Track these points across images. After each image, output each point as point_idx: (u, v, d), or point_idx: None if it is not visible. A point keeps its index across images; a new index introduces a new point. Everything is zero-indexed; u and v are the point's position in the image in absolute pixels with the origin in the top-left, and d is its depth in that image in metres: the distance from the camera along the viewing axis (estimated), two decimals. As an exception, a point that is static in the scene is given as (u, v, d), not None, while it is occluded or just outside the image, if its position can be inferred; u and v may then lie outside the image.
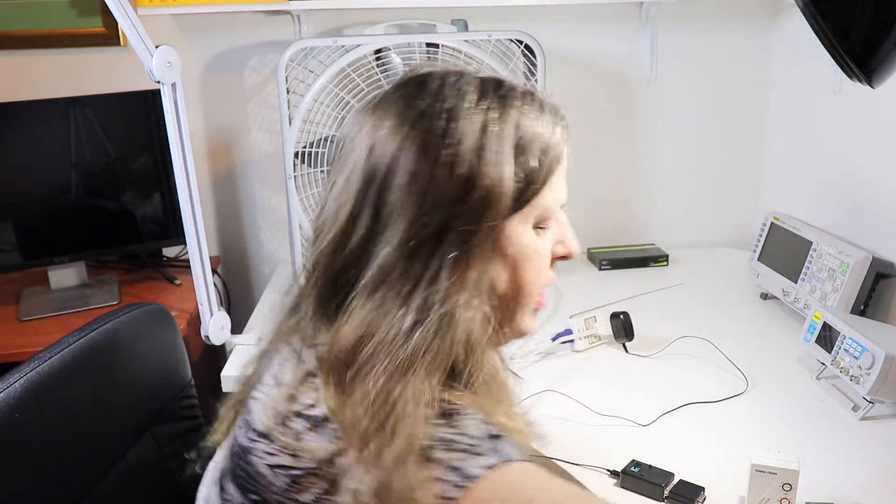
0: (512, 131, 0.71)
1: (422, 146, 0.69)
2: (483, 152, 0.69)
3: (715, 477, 1.11)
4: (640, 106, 2.07)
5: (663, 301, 1.76)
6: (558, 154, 0.75)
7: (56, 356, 0.98)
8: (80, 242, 1.84)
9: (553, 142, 0.75)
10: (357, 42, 1.72)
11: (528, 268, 0.75)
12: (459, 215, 0.69)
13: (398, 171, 0.69)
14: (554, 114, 0.77)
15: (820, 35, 0.85)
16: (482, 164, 0.69)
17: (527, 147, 0.72)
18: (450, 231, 0.69)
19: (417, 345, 0.67)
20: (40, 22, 1.88)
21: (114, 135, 1.83)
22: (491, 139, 0.70)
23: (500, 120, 0.71)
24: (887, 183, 1.60)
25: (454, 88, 0.72)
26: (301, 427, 0.67)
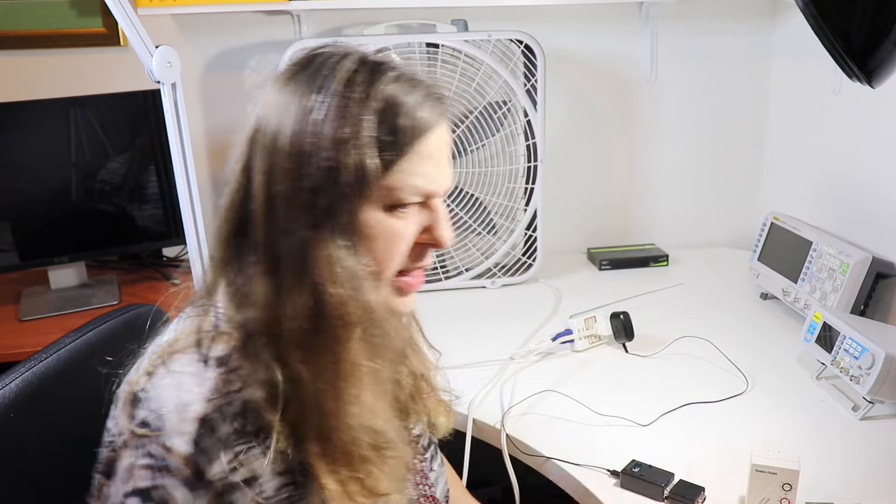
0: (368, 114, 0.72)
1: (292, 122, 0.73)
2: (339, 131, 0.72)
3: (715, 477, 1.12)
4: (640, 106, 2.07)
5: (663, 301, 1.76)
6: (416, 132, 0.75)
7: (52, 356, 0.98)
8: (80, 242, 1.84)
9: (411, 125, 0.74)
10: (357, 42, 1.72)
11: (377, 247, 0.76)
12: (319, 192, 0.72)
13: (270, 145, 0.73)
14: (424, 96, 0.76)
15: (820, 35, 0.85)
16: (337, 143, 0.71)
17: (380, 129, 0.73)
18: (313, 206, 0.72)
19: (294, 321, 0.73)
20: (40, 22, 1.87)
21: (114, 135, 1.83)
22: (347, 119, 0.72)
23: (360, 102, 0.73)
24: (887, 183, 1.60)
25: (330, 68, 0.74)
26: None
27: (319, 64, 0.75)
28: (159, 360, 0.78)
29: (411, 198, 0.76)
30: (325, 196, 0.72)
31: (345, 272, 0.73)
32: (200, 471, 0.71)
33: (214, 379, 0.74)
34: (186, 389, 0.73)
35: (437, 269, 1.87)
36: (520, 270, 1.91)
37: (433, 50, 1.75)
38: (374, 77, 0.74)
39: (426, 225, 0.79)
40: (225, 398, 0.73)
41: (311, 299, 0.73)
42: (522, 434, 1.26)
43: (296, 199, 0.72)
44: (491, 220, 1.86)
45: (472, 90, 1.76)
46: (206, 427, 0.71)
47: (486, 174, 1.83)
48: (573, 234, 2.12)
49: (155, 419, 0.73)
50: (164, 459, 0.72)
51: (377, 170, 0.73)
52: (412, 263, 0.80)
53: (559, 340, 1.54)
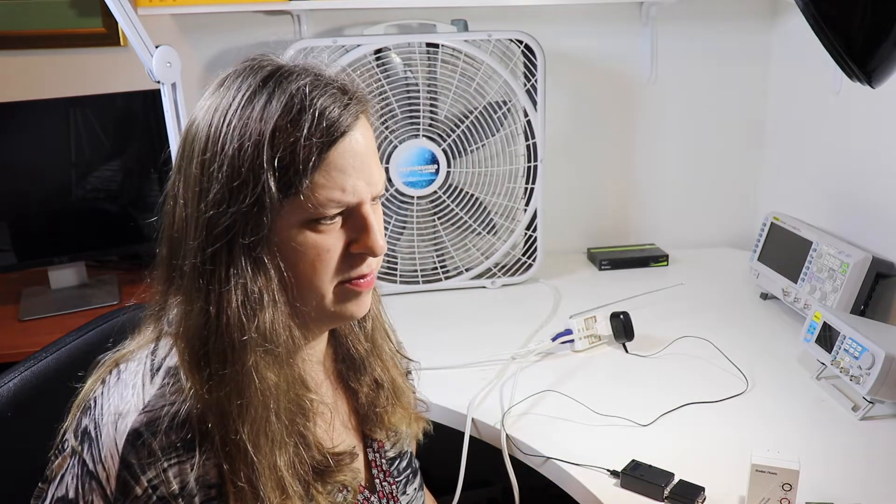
0: (267, 132, 0.71)
1: (200, 145, 0.73)
2: (240, 152, 0.71)
3: (715, 477, 1.11)
4: (640, 106, 2.07)
5: (663, 301, 1.76)
6: (322, 150, 0.72)
7: (52, 356, 0.98)
8: (80, 242, 1.84)
9: (313, 139, 0.72)
10: (357, 42, 1.72)
11: (303, 263, 0.75)
12: (224, 213, 0.71)
13: (185, 167, 0.74)
14: (329, 107, 0.73)
15: (820, 35, 0.85)
16: (239, 163, 0.71)
17: (280, 147, 0.71)
18: (228, 224, 0.71)
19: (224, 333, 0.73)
20: (40, 22, 1.87)
21: (114, 135, 1.83)
22: (246, 139, 0.71)
23: (259, 120, 0.71)
24: (887, 183, 1.60)
25: (239, 82, 0.74)
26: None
27: (234, 79, 0.75)
28: (113, 366, 0.79)
29: (329, 211, 0.74)
30: (229, 217, 0.71)
31: (242, 294, 0.72)
32: (126, 486, 0.71)
33: (154, 391, 0.74)
34: (126, 401, 0.73)
35: (437, 269, 1.87)
36: (520, 270, 1.91)
37: (433, 50, 1.75)
38: (275, 92, 0.73)
39: (354, 235, 0.77)
40: (158, 412, 0.72)
41: (204, 320, 0.73)
42: (522, 434, 1.26)
43: (199, 221, 0.72)
44: (491, 220, 1.86)
45: (472, 90, 1.76)
46: (137, 441, 0.71)
47: (486, 174, 1.83)
48: (573, 234, 2.12)
49: (93, 429, 0.74)
50: (93, 471, 0.72)
51: (283, 188, 0.71)
52: (350, 272, 0.78)
53: (559, 340, 1.54)
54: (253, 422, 0.73)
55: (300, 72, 0.75)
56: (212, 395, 0.72)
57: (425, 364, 1.45)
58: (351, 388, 0.91)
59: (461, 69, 1.75)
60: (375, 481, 0.92)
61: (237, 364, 0.73)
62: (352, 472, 0.84)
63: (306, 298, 0.77)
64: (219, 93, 0.75)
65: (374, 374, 0.92)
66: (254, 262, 0.73)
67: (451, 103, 1.78)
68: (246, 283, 0.73)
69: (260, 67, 0.76)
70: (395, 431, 0.95)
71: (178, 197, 0.75)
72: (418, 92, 1.75)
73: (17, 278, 1.90)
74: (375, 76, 1.74)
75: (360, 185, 0.75)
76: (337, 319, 0.82)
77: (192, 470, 0.72)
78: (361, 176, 0.75)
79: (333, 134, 0.73)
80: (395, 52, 1.74)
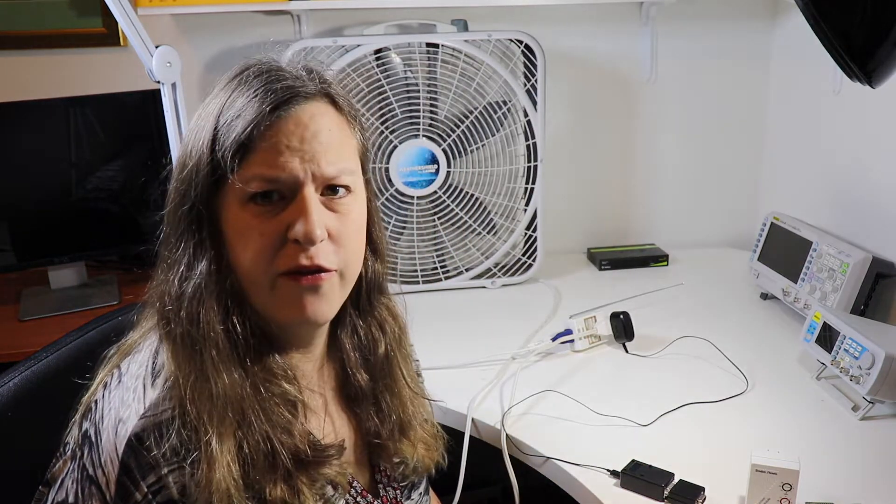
0: (216, 109, 0.76)
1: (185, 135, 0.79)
2: (197, 132, 0.76)
3: (715, 477, 1.11)
4: (640, 106, 2.07)
5: (663, 301, 1.76)
6: (252, 129, 0.73)
7: (52, 356, 0.98)
8: (80, 242, 1.84)
9: (246, 117, 0.73)
10: (357, 42, 1.72)
11: (236, 244, 0.76)
12: (183, 191, 0.76)
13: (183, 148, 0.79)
14: (270, 91, 0.74)
15: (820, 35, 0.85)
16: (193, 146, 0.76)
17: (221, 124, 0.75)
18: (186, 207, 0.76)
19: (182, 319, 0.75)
20: (40, 22, 1.87)
21: (114, 135, 1.83)
22: (201, 123, 0.77)
23: (217, 98, 0.77)
24: (887, 183, 1.60)
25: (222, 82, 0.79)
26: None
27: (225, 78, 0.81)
28: (115, 367, 0.79)
29: (256, 186, 0.74)
30: (189, 199, 0.76)
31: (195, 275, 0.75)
32: (126, 491, 0.70)
33: (154, 396, 0.73)
34: (126, 405, 0.73)
35: (437, 269, 1.87)
36: (520, 270, 1.91)
37: (433, 50, 1.75)
38: (241, 80, 0.77)
39: (291, 220, 0.74)
40: (158, 417, 0.71)
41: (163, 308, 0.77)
42: (522, 434, 1.26)
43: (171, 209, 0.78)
44: (491, 220, 1.86)
45: (472, 90, 1.76)
46: (137, 446, 0.70)
47: (486, 174, 1.83)
48: (573, 234, 2.12)
49: (94, 433, 0.73)
50: (93, 476, 0.72)
51: (216, 163, 0.74)
52: (289, 263, 0.75)
53: (559, 340, 1.54)
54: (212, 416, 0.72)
55: (271, 64, 0.78)
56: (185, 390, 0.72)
57: (425, 364, 1.45)
58: (356, 415, 0.90)
59: (461, 69, 1.75)
60: (378, 487, 0.90)
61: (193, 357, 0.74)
62: (339, 468, 0.81)
63: (249, 291, 0.77)
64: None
65: (378, 405, 0.89)
66: (196, 244, 0.76)
67: (451, 103, 1.78)
68: (198, 267, 0.75)
69: (245, 67, 0.79)
70: (402, 460, 0.91)
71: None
72: (418, 92, 1.75)
73: (17, 278, 1.90)
74: (375, 76, 1.74)
75: (293, 163, 0.74)
76: (282, 320, 0.79)
77: (192, 476, 0.70)
78: (298, 154, 0.74)
79: (267, 109, 0.73)
80: (395, 52, 1.74)
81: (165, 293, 0.76)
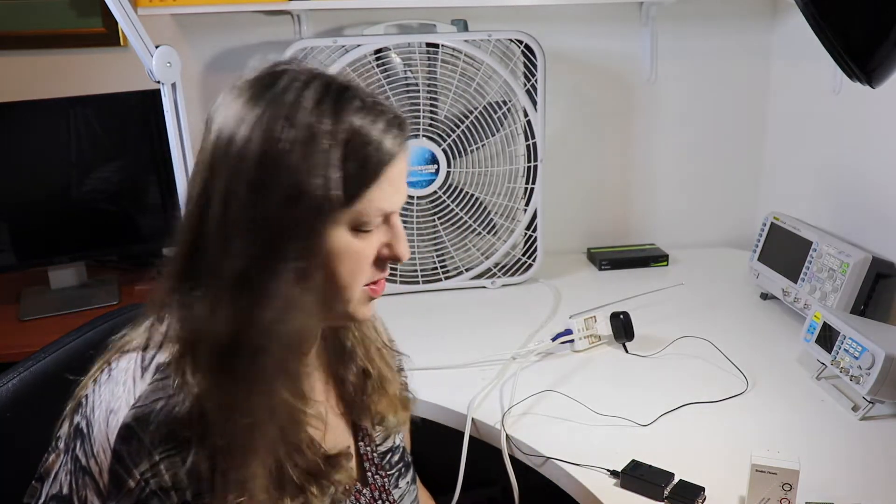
0: (335, 146, 0.73)
1: (256, 148, 0.72)
2: (306, 162, 0.72)
3: (715, 477, 1.12)
4: (639, 106, 2.07)
5: (663, 301, 1.76)
6: (382, 163, 0.76)
7: (51, 356, 0.98)
8: (80, 242, 1.84)
9: (377, 151, 0.76)
10: (357, 42, 1.72)
11: (344, 267, 0.78)
12: (276, 218, 0.73)
13: (232, 168, 0.73)
14: (388, 124, 0.77)
15: (820, 35, 0.85)
16: (303, 173, 0.72)
17: (347, 160, 0.74)
18: (267, 231, 0.73)
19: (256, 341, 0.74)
20: (40, 22, 1.87)
21: (114, 135, 1.83)
22: (314, 150, 0.73)
23: (328, 133, 0.73)
24: (887, 183, 1.60)
25: (296, 92, 0.74)
26: None
27: (285, 87, 0.75)
28: (105, 364, 0.80)
29: (375, 220, 0.78)
30: (281, 222, 0.73)
31: (279, 299, 0.74)
32: (119, 479, 0.71)
33: (144, 387, 0.74)
34: (116, 397, 0.74)
35: (437, 269, 1.87)
36: (520, 270, 1.91)
37: (433, 50, 1.75)
38: (340, 106, 0.75)
39: (386, 241, 0.81)
40: (149, 406, 0.73)
41: (232, 325, 0.74)
42: (522, 434, 1.26)
43: (250, 224, 0.73)
44: (491, 220, 1.86)
45: (472, 90, 1.76)
46: (128, 435, 0.72)
47: (486, 174, 1.83)
48: (573, 234, 2.12)
49: (85, 425, 0.75)
50: (86, 466, 0.73)
51: (342, 198, 0.74)
52: (374, 276, 0.82)
53: (559, 340, 1.54)
54: (253, 427, 0.74)
55: (354, 88, 0.77)
56: (215, 397, 0.73)
57: (425, 364, 1.45)
58: (339, 377, 0.93)
59: (461, 69, 1.75)
60: (367, 474, 0.93)
61: (252, 371, 0.74)
62: (346, 472, 0.85)
63: (334, 303, 0.80)
64: (269, 96, 0.74)
65: (361, 363, 0.94)
66: (297, 270, 0.74)
67: (451, 103, 1.78)
68: (286, 291, 0.74)
69: (312, 77, 0.76)
70: (383, 420, 0.96)
71: (213, 198, 0.74)
72: (418, 92, 1.75)
73: (17, 278, 1.90)
74: (375, 76, 1.74)
75: (400, 197, 0.80)
76: (348, 321, 0.85)
77: (184, 464, 0.72)
78: (402, 190, 0.80)
79: (393, 152, 0.77)
80: (395, 52, 1.74)
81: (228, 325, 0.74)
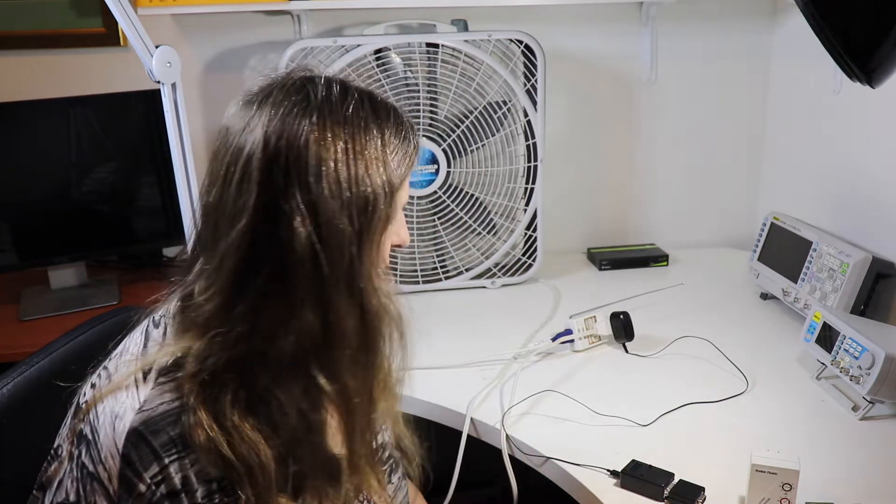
0: (389, 148, 0.79)
1: (327, 158, 0.75)
2: (371, 165, 0.77)
3: (715, 477, 1.12)
4: (640, 106, 2.07)
5: (663, 301, 1.76)
6: (410, 166, 0.83)
7: (45, 360, 0.97)
8: (80, 242, 1.84)
9: (406, 158, 0.82)
10: (357, 42, 1.72)
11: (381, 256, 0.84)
12: (350, 214, 0.76)
13: (304, 180, 0.74)
14: (409, 130, 0.83)
15: (820, 35, 0.85)
16: (366, 178, 0.76)
17: (393, 159, 0.79)
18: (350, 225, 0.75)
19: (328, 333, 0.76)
20: (40, 22, 1.87)
21: (114, 135, 1.83)
22: (372, 155, 0.77)
23: (378, 137, 0.78)
24: (887, 183, 1.60)
25: (338, 100, 0.78)
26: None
27: (323, 99, 0.77)
28: (104, 370, 0.80)
29: (400, 210, 0.85)
30: (360, 223, 0.76)
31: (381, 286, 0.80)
32: (129, 483, 0.71)
33: (148, 391, 0.74)
34: (120, 402, 0.74)
35: (437, 269, 1.87)
36: (520, 270, 1.91)
37: (433, 50, 1.75)
38: (378, 112, 0.80)
39: (395, 230, 0.87)
40: (155, 410, 0.73)
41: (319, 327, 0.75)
42: (522, 434, 1.26)
43: (338, 229, 0.75)
44: (491, 220, 1.86)
45: (472, 90, 1.76)
46: (137, 439, 0.72)
47: (486, 174, 1.83)
48: (573, 234, 2.12)
49: (90, 432, 0.75)
50: (94, 472, 0.73)
51: (394, 194, 0.80)
52: (387, 261, 0.88)
53: (559, 340, 1.54)
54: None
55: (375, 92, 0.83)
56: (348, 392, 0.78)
57: (425, 364, 1.45)
58: None
59: (461, 69, 1.75)
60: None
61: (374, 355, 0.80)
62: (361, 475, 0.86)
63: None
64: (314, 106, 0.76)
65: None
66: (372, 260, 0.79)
67: (451, 103, 1.78)
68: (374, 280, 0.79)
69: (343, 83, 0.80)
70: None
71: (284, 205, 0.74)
72: (418, 92, 1.75)
73: (17, 278, 1.90)
74: (375, 76, 1.74)
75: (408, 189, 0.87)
76: None
77: (192, 465, 0.72)
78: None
79: (417, 149, 0.84)
80: (395, 52, 1.74)
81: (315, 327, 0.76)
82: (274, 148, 0.74)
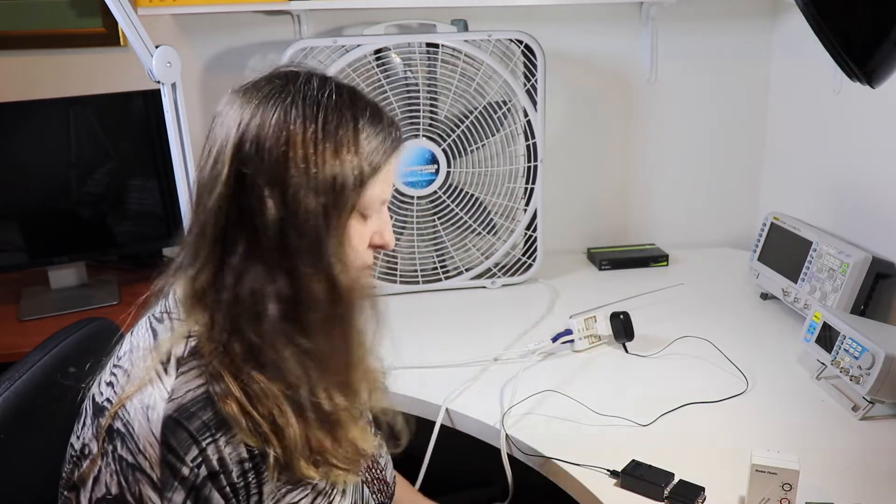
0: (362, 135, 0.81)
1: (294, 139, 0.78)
2: (341, 149, 0.79)
3: (715, 477, 1.12)
4: (640, 106, 2.07)
5: (663, 301, 1.76)
6: (385, 159, 0.84)
7: (26, 374, 0.97)
8: (80, 242, 1.84)
9: (381, 148, 0.83)
10: (357, 42, 1.72)
11: (351, 247, 0.85)
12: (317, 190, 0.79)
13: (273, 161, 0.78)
14: (389, 125, 0.85)
15: (820, 35, 0.85)
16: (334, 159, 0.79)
17: (367, 145, 0.81)
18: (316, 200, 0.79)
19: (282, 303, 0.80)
20: (40, 22, 1.87)
21: (114, 135, 1.83)
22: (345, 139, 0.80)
23: (351, 127, 0.81)
24: (887, 183, 1.60)
25: (316, 89, 0.81)
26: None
27: (301, 85, 0.81)
28: (117, 369, 0.83)
29: (378, 206, 0.86)
30: (325, 200, 0.79)
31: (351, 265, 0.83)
32: (173, 468, 0.75)
33: (173, 381, 0.78)
34: (148, 394, 0.77)
35: (437, 269, 1.87)
36: (520, 270, 1.91)
37: (433, 50, 1.75)
38: (355, 102, 0.82)
39: (377, 229, 0.88)
40: (184, 397, 0.77)
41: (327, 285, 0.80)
42: (522, 434, 1.26)
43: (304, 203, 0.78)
44: (491, 220, 1.86)
45: (472, 90, 1.76)
46: (173, 425, 0.75)
47: (486, 174, 1.83)
48: (573, 234, 2.12)
49: (122, 426, 0.77)
50: (135, 463, 0.76)
51: (364, 181, 0.81)
52: (368, 261, 0.88)
53: (559, 340, 1.54)
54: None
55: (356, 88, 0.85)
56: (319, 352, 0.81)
57: (425, 364, 1.45)
58: None
59: (461, 69, 1.75)
60: None
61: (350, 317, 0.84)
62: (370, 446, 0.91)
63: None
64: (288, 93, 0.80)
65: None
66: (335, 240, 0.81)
67: (451, 103, 1.78)
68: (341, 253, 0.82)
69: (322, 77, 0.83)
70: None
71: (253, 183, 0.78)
72: (418, 92, 1.75)
73: (17, 278, 1.90)
74: (375, 76, 1.74)
75: (391, 189, 0.88)
76: None
77: (226, 446, 0.76)
78: (393, 182, 0.88)
79: (396, 146, 0.85)
80: (395, 52, 1.74)
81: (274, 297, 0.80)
82: (247, 125, 0.79)
